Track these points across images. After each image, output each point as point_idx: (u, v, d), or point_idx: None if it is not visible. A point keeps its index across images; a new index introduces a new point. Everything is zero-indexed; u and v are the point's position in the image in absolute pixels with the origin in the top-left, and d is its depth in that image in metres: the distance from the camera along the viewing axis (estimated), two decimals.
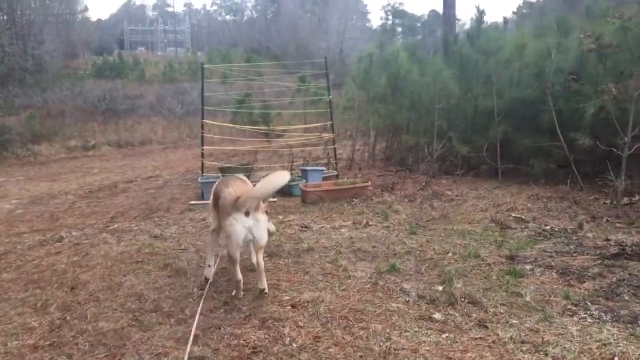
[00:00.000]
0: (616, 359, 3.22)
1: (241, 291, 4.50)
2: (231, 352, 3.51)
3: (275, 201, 8.12)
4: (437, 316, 3.91)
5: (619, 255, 4.93)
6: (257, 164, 9.88)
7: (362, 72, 10.70)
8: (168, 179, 11.63)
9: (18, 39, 33.19)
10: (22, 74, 31.37)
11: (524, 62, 8.38)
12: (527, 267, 4.74)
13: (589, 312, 3.87)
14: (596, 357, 3.25)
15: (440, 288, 4.41)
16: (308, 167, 9.09)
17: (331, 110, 10.03)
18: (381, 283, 4.59)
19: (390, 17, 78.73)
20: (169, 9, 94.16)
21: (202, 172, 9.40)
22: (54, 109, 27.20)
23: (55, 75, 33.54)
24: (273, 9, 77.36)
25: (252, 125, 16.04)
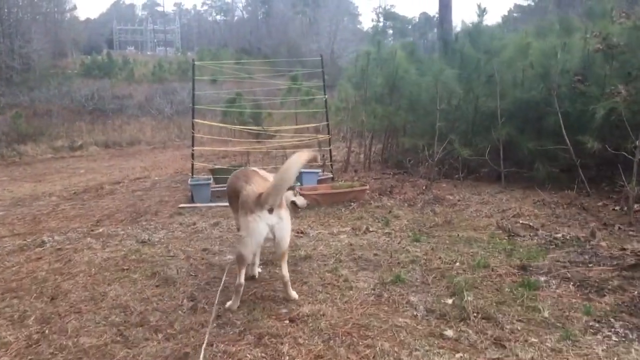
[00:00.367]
0: None
1: (239, 300, 4.17)
2: None
3: None
4: (449, 333, 3.59)
5: (637, 266, 4.62)
6: (249, 166, 9.49)
7: (358, 72, 10.39)
8: (156, 180, 11.25)
9: (5, 37, 32.79)
10: (8, 72, 30.94)
11: (528, 62, 8.07)
12: (541, 279, 4.42)
13: (613, 329, 3.57)
14: None
15: (450, 301, 4.08)
16: (303, 169, 8.73)
17: (327, 110, 9.72)
18: (386, 295, 4.26)
19: (382, 19, 78.77)
20: (159, 9, 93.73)
21: (192, 173, 9.01)
22: (40, 108, 26.80)
23: (43, 74, 33.17)
24: (264, 9, 77.18)
25: (244, 126, 15.71)
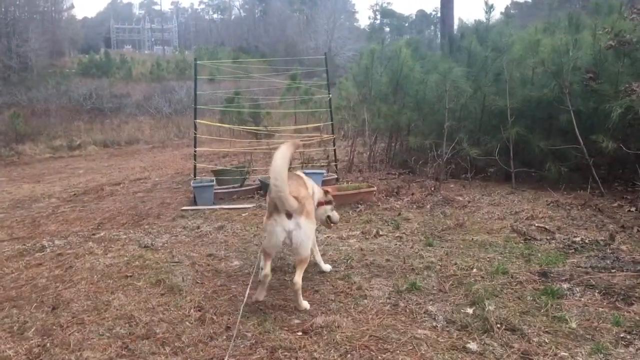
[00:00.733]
0: None
1: (265, 290, 4.20)
2: None
3: None
4: (473, 346, 3.40)
5: None
6: (252, 166, 9.30)
7: (362, 70, 10.18)
8: (157, 181, 11.05)
9: (2, 37, 32.64)
10: (6, 72, 30.79)
11: (539, 60, 7.86)
12: (564, 286, 4.23)
13: None
14: None
15: (470, 311, 3.89)
16: (308, 171, 8.53)
17: (331, 109, 9.51)
18: (402, 304, 4.07)
19: (379, 17, 78.71)
20: (156, 7, 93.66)
21: (195, 175, 8.80)
22: (38, 107, 26.67)
23: (41, 74, 33.09)
24: (261, 7, 77.10)
25: (246, 125, 15.52)
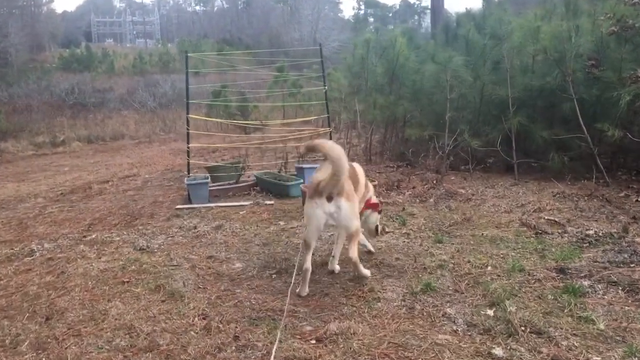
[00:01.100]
0: None
1: (307, 285, 4.25)
2: None
3: (272, 204, 7.34)
4: (498, 352, 3.22)
5: None
6: (248, 162, 9.05)
7: (358, 60, 9.94)
8: (147, 178, 10.74)
9: None
10: None
11: (540, 47, 7.68)
12: (584, 284, 4.05)
13: None
14: None
15: (491, 312, 3.70)
16: (305, 165, 8.31)
17: (327, 101, 9.27)
18: (418, 307, 3.87)
19: (363, 7, 78.43)
20: (137, 0, 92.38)
21: (189, 172, 8.53)
22: (20, 103, 26.20)
23: (21, 69, 32.58)
24: None
25: (233, 119, 15.27)
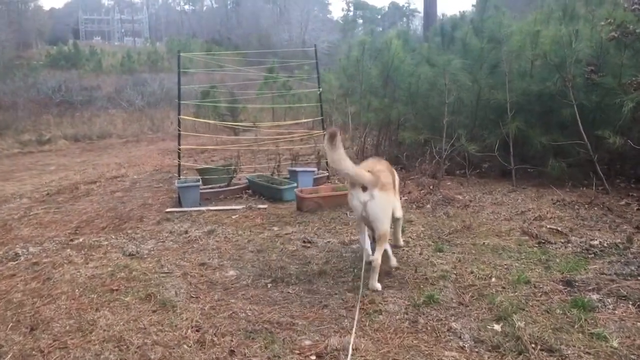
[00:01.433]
0: None
1: (376, 276, 4.25)
2: None
3: (266, 208, 7.15)
4: None
5: None
6: (240, 164, 8.84)
7: (353, 62, 9.78)
8: (135, 179, 10.51)
9: None
10: None
11: (540, 51, 7.55)
12: (593, 297, 3.91)
13: None
14: None
15: (498, 328, 3.55)
16: (298, 168, 8.13)
17: (321, 104, 9.08)
18: (422, 321, 3.71)
19: (352, 9, 78.47)
20: None
21: (179, 174, 8.30)
22: (5, 101, 25.78)
23: (7, 66, 32.13)
24: None
25: (224, 120, 15.09)
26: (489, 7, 9.09)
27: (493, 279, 4.34)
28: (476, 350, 3.31)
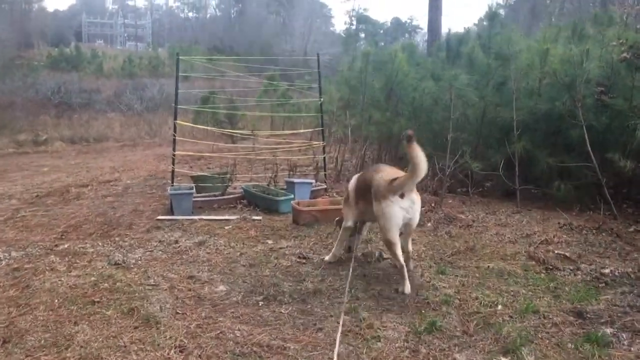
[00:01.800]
0: None
1: (407, 282, 4.40)
2: None
3: (260, 220, 6.88)
4: None
5: None
6: (236, 173, 8.57)
7: (355, 73, 9.56)
8: (129, 184, 10.24)
9: None
10: None
11: (550, 70, 7.34)
12: (607, 331, 3.65)
13: None
14: None
15: None
16: (296, 179, 7.88)
17: (322, 114, 8.85)
18: (423, 350, 3.45)
19: (354, 23, 78.60)
20: (130, 3, 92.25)
21: (173, 181, 8.03)
22: (3, 100, 25.61)
23: (7, 66, 31.89)
24: (237, 8, 76.42)
25: (221, 127, 14.86)
26: (495, 24, 8.89)
27: (499, 306, 4.08)
28: None
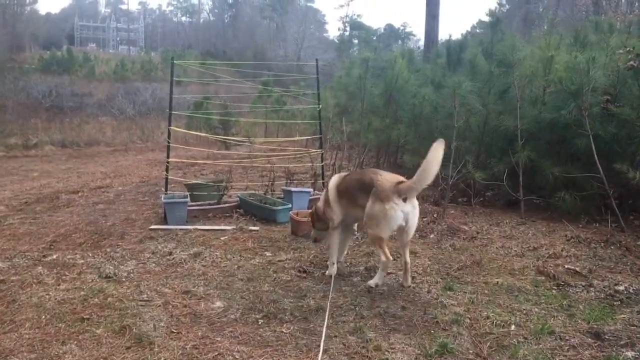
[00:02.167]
0: None
1: (382, 278, 4.60)
2: None
3: (257, 230, 6.65)
4: None
5: None
6: (231, 180, 8.34)
7: (354, 79, 9.36)
8: (120, 190, 9.98)
9: None
10: None
11: (556, 78, 7.17)
12: (628, 355, 3.45)
13: None
14: None
15: None
16: (293, 188, 7.65)
17: (320, 121, 8.63)
18: None
19: (348, 29, 78.67)
20: (123, 7, 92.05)
21: (166, 189, 7.79)
22: None
23: None
24: (231, 12, 76.42)
25: (215, 133, 14.64)
26: (497, 31, 8.72)
27: (512, 326, 3.86)
28: None
